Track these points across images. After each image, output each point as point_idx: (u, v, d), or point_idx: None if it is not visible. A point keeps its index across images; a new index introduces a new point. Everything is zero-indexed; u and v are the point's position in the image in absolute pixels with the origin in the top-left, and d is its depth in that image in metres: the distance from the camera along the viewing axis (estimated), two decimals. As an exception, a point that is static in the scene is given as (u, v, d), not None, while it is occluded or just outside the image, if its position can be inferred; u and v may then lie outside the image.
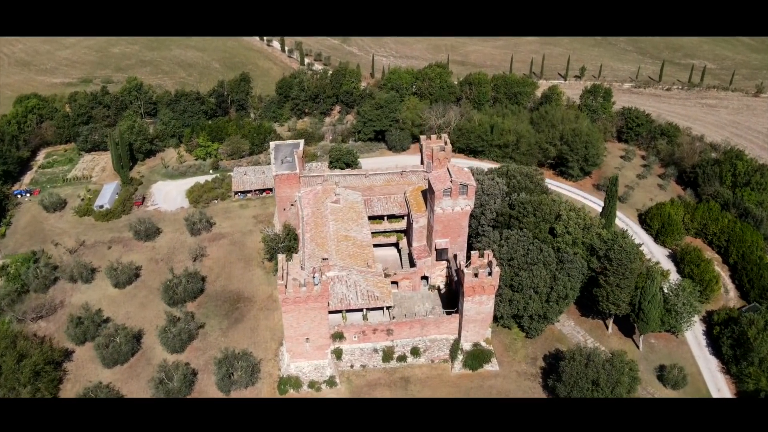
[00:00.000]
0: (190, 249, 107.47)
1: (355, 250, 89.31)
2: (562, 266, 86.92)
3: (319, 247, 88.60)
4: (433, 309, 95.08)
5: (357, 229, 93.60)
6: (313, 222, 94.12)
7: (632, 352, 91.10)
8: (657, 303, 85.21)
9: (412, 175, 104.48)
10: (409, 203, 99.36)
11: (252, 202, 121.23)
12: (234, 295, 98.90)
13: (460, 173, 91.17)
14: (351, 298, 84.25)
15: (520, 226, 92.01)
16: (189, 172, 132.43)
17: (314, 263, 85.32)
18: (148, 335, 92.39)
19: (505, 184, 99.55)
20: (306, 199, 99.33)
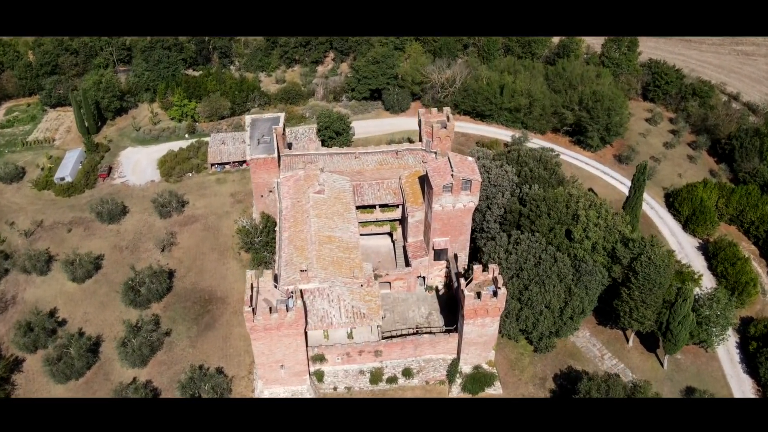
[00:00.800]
0: (158, 236, 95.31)
1: (340, 255, 76.98)
2: (580, 278, 74.70)
3: (298, 252, 76.29)
4: (430, 315, 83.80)
5: (343, 227, 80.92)
6: (293, 217, 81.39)
7: (655, 370, 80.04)
8: (689, 324, 73.40)
9: (409, 155, 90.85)
10: (405, 192, 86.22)
11: (230, 176, 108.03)
12: (205, 294, 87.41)
13: (463, 164, 77.69)
14: (333, 315, 72.55)
15: (531, 228, 79.13)
16: (162, 137, 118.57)
17: (291, 272, 73.36)
18: (108, 343, 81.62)
19: (516, 173, 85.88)
20: (285, 186, 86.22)
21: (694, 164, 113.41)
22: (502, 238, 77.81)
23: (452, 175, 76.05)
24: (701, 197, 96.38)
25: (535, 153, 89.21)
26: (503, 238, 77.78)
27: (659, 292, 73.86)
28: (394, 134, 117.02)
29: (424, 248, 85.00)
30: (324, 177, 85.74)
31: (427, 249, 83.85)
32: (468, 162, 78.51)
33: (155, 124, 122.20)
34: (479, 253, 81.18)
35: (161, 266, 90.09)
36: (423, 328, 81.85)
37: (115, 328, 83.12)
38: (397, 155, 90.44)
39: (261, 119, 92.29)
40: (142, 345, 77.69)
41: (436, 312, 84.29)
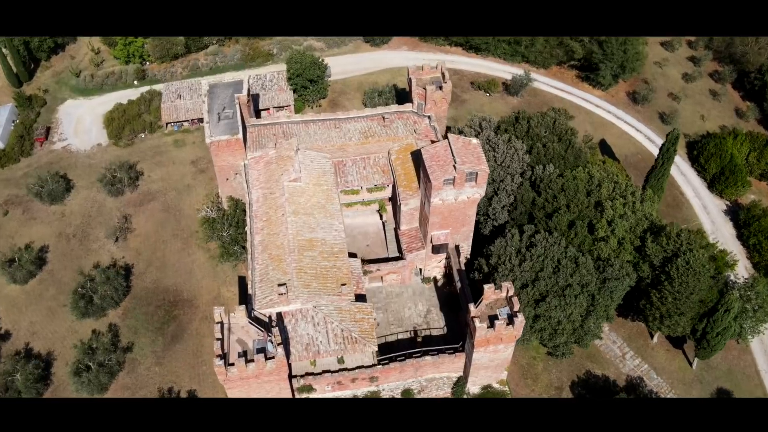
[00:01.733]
0: (110, 220, 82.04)
1: (324, 265, 65.05)
2: (604, 282, 64.16)
3: (274, 263, 64.22)
4: (429, 313, 73.46)
5: (325, 224, 68.40)
6: (265, 215, 68.48)
7: (683, 370, 71.69)
8: (729, 335, 64.13)
9: (397, 120, 76.90)
10: (396, 172, 73.08)
11: (190, 137, 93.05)
12: (170, 295, 75.71)
13: (466, 151, 64.38)
14: (321, 342, 61.81)
15: (547, 224, 67.27)
16: (107, 85, 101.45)
17: (267, 291, 61.83)
18: (60, 362, 70.81)
19: (527, 150, 72.49)
20: (254, 171, 72.47)
21: (718, 102, 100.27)
22: (513, 237, 66.02)
23: (455, 167, 63.14)
24: (731, 153, 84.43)
25: (546, 119, 75.31)
26: (515, 237, 66.02)
27: (696, 298, 63.82)
28: (376, 74, 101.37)
29: (420, 238, 73.19)
30: (300, 158, 72.05)
31: (424, 241, 72.11)
32: (472, 147, 65.09)
33: (97, 65, 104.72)
34: (485, 249, 69.71)
35: (116, 261, 77.79)
36: (421, 329, 71.87)
37: (67, 341, 71.98)
38: (384, 122, 76.45)
39: (220, 85, 76.56)
40: (99, 371, 67.01)
41: (435, 309, 73.89)
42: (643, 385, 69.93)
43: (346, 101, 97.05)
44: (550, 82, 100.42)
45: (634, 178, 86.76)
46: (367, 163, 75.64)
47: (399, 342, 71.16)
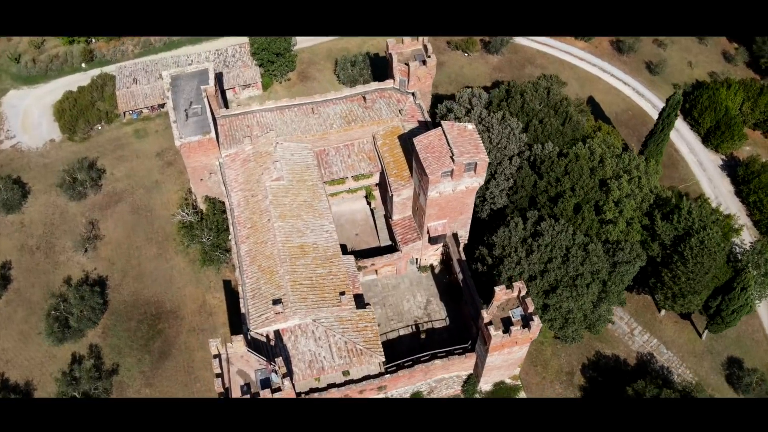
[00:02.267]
0: (75, 228, 75.59)
1: (319, 273, 60.53)
2: (615, 267, 61.19)
3: (265, 275, 59.46)
4: (429, 304, 70.11)
5: (315, 226, 63.50)
6: (249, 220, 63.11)
7: (693, 342, 70.18)
8: (745, 312, 62.19)
9: (379, 98, 71.18)
10: (384, 160, 68.02)
11: (151, 125, 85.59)
12: (152, 307, 70.54)
13: (462, 139, 59.47)
14: (324, 358, 57.97)
15: (552, 210, 63.39)
16: (52, 70, 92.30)
17: (262, 308, 57.40)
18: (41, 391, 65.84)
19: (523, 128, 67.55)
20: (231, 171, 66.54)
21: (705, 46, 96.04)
22: (518, 226, 62.10)
23: (453, 158, 58.35)
24: (726, 106, 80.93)
25: (540, 90, 70.07)
26: (519, 226, 62.11)
27: (711, 277, 61.37)
28: (345, 40, 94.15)
29: (414, 228, 68.90)
30: (280, 152, 66.27)
31: (420, 232, 67.85)
32: (468, 134, 60.08)
33: (38, 47, 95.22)
34: (485, 237, 65.82)
35: (87, 274, 72.04)
36: (422, 322, 68.57)
37: (45, 368, 66.90)
38: (366, 103, 70.64)
39: (183, 76, 69.21)
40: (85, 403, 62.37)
41: (435, 299, 70.51)
42: (654, 361, 68.23)
43: (316, 72, 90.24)
44: (531, 36, 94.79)
45: (627, 139, 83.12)
46: (351, 150, 70.39)
47: (401, 338, 67.88)
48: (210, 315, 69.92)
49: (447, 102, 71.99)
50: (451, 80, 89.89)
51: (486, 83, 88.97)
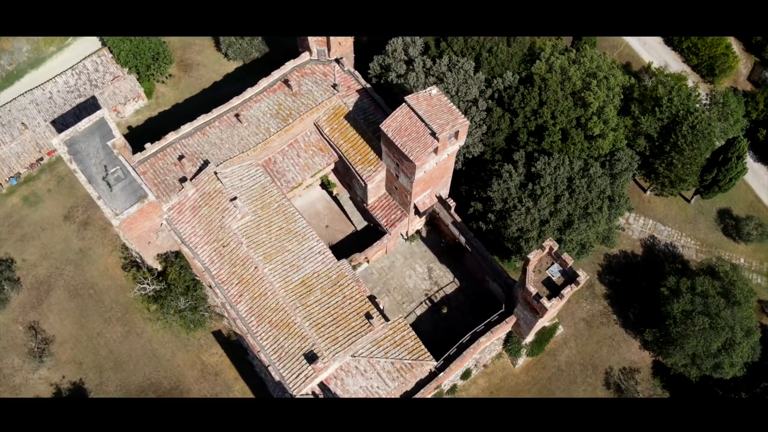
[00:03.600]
0: (16, 339, 64.17)
1: (335, 302, 54.59)
2: (615, 179, 59.29)
3: (282, 331, 52.98)
4: (432, 272, 66.48)
5: (305, 252, 56.53)
6: (234, 276, 55.03)
7: (684, 210, 71.24)
8: (742, 175, 62.73)
9: (305, 80, 62.35)
10: (340, 149, 60.56)
11: (39, 184, 71.49)
12: (149, 393, 62.44)
13: (433, 109, 53.33)
14: (378, 388, 53.73)
15: (538, 146, 59.28)
16: None
17: (296, 369, 51.63)
18: None
19: (473, 65, 60.81)
20: (185, 226, 56.95)
21: None
22: (511, 175, 57.98)
23: (434, 135, 52.24)
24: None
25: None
26: (512, 174, 58.00)
27: (704, 155, 60.78)
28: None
29: (396, 206, 63.23)
30: (229, 183, 57.23)
31: (406, 209, 62.35)
32: (436, 100, 53.59)
33: None
34: (476, 192, 61.54)
35: (57, 386, 62.33)
36: (433, 294, 65.13)
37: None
38: (291, 88, 61.60)
39: (78, 136, 56.37)
40: None
41: (435, 264, 66.78)
42: (657, 242, 68.86)
43: (196, 56, 77.74)
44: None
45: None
46: (298, 148, 62.32)
47: (420, 319, 64.38)
48: (216, 375, 62.94)
49: (378, 57, 63.98)
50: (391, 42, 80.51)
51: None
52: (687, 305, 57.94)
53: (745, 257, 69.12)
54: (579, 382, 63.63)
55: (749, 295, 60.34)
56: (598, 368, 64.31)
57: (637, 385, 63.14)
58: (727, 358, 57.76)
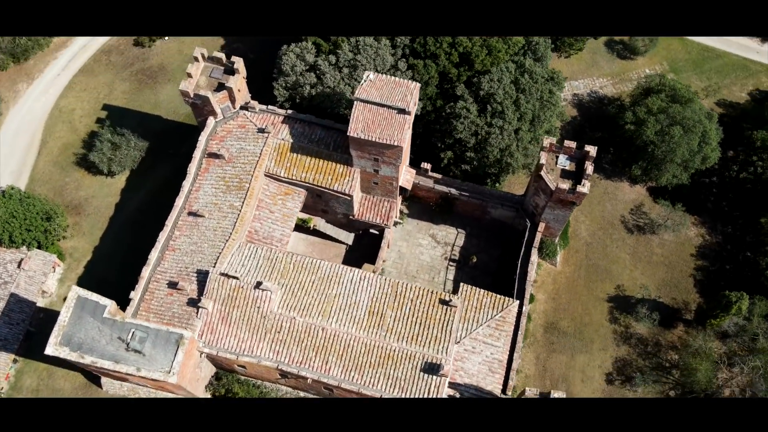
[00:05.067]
0: None
1: (408, 309, 53.25)
2: (542, 63, 62.59)
3: (389, 364, 51.12)
4: (435, 237, 66.70)
5: (346, 286, 54.23)
6: (309, 350, 51.66)
7: (581, 58, 76.14)
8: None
9: (228, 142, 58.80)
10: (309, 181, 58.19)
11: (16, 413, 61.88)
12: None
13: (382, 89, 53.33)
14: (493, 355, 53.91)
15: (458, 70, 60.45)
16: None
17: (423, 394, 50.34)
18: None
19: (388, 42, 60.22)
20: (229, 340, 52.13)
21: None
22: (469, 110, 59.01)
23: (405, 111, 51.84)
24: None
25: None
26: (468, 109, 59.06)
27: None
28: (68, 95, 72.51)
29: (380, 201, 62.36)
30: (238, 284, 53.09)
31: (392, 196, 61.60)
32: (381, 82, 52.95)
33: None
34: (440, 144, 62.01)
35: None
36: (452, 255, 65.85)
37: None
38: (221, 157, 57.83)
39: (66, 329, 49.11)
40: None
41: (433, 228, 67.88)
42: (582, 97, 73.82)
43: (81, 193, 69.60)
44: None
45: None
46: (266, 206, 59.17)
47: (458, 280, 64.53)
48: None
49: (279, 82, 61.52)
50: (249, 42, 76.41)
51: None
52: (656, 125, 63.03)
53: (648, 67, 76.03)
54: (609, 244, 67.58)
55: (688, 88, 66.76)
56: (614, 222, 68.59)
57: (651, 215, 68.16)
58: (707, 146, 63.97)
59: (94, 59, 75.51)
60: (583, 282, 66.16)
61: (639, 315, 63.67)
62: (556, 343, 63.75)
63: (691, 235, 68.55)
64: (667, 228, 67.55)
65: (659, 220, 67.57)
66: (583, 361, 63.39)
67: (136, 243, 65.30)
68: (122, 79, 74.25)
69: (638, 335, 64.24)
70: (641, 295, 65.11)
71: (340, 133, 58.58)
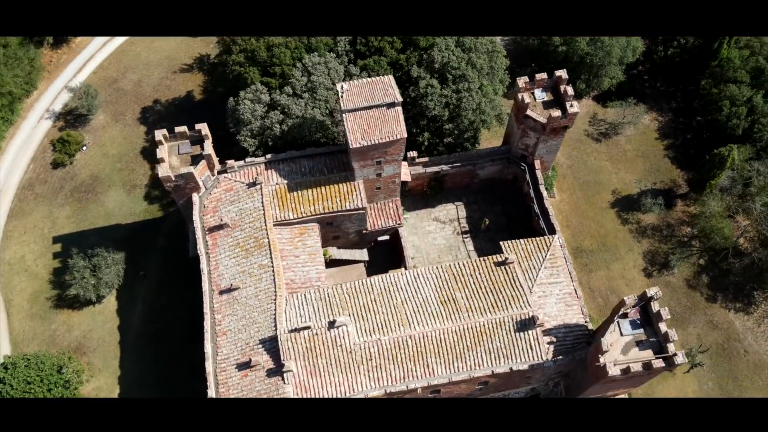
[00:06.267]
0: None
1: (473, 283, 53.42)
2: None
3: (486, 341, 51.06)
4: (438, 219, 67.46)
5: (409, 287, 53.62)
6: (407, 361, 50.62)
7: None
8: None
9: (222, 210, 56.48)
10: (320, 212, 57.00)
11: None
12: None
13: (367, 92, 53.53)
14: (568, 296, 55.27)
15: (407, 54, 61.51)
16: None
17: (534, 350, 50.97)
18: None
19: (332, 56, 59.72)
20: (332, 388, 50.08)
21: None
22: (431, 85, 60.13)
23: (393, 105, 52.20)
24: None
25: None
26: (431, 85, 60.22)
27: None
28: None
29: (386, 205, 62.19)
30: (305, 324, 51.07)
31: (395, 194, 61.59)
32: (358, 87, 53.04)
33: None
34: (414, 129, 62.68)
35: None
36: (463, 227, 66.86)
37: None
38: (223, 227, 55.49)
39: None
40: None
41: (434, 211, 68.56)
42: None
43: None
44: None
45: None
46: (290, 253, 57.24)
47: (479, 249, 65.82)
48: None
49: (243, 133, 59.81)
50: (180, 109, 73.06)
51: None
52: (585, 37, 67.12)
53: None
54: (587, 159, 71.44)
55: None
56: (581, 139, 72.60)
57: (608, 120, 72.54)
58: (632, 38, 69.02)
59: (18, 199, 69.56)
60: (583, 201, 69.22)
61: (645, 207, 67.51)
62: (589, 263, 66.25)
63: (647, 122, 73.58)
64: (627, 124, 72.11)
65: (617, 120, 71.97)
66: (619, 268, 66.32)
67: (159, 353, 61.61)
68: (59, 205, 68.97)
69: (651, 225, 68.10)
70: (639, 188, 69.07)
71: (327, 156, 58.02)
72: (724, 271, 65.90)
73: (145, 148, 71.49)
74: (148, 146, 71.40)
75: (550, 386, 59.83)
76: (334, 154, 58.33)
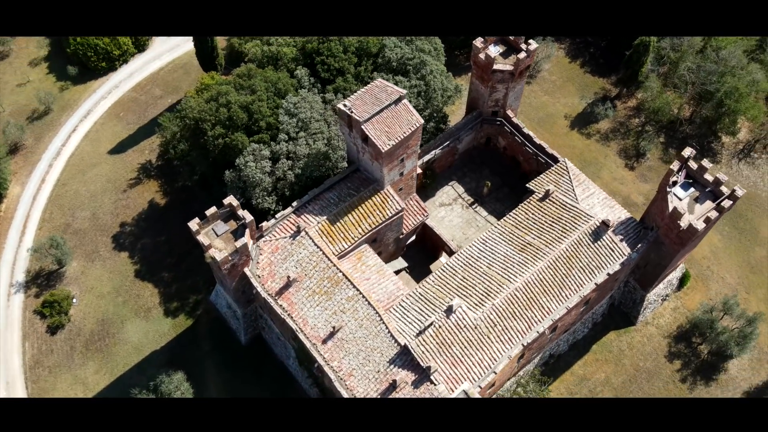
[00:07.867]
0: None
1: (540, 219, 56.83)
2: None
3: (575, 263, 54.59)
4: (444, 204, 70.25)
5: (485, 247, 55.90)
6: (513, 308, 52.68)
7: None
8: None
9: (278, 265, 55.65)
10: (368, 230, 57.76)
11: None
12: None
13: (368, 99, 54.93)
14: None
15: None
16: None
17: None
18: None
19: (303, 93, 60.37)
20: (452, 368, 50.62)
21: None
22: (399, 82, 63.41)
23: (400, 99, 54.81)
24: None
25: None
26: (395, 80, 63.50)
27: None
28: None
29: (411, 201, 63.92)
30: (422, 322, 51.68)
31: (412, 189, 63.63)
32: (360, 99, 54.58)
33: None
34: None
35: None
36: (468, 200, 70.22)
37: None
38: (294, 280, 54.78)
39: None
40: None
41: (438, 197, 70.53)
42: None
43: None
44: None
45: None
46: (362, 277, 57.22)
47: (495, 211, 69.09)
48: None
49: (258, 191, 59.28)
50: (151, 220, 67.58)
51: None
52: None
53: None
54: (533, 97, 77.65)
55: None
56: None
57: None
58: None
59: (32, 381, 62.67)
60: (548, 134, 75.33)
61: (600, 115, 75.05)
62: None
63: (560, 56, 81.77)
64: (544, 60, 79.68)
65: (536, 59, 79.21)
66: (607, 174, 73.48)
67: None
68: (80, 366, 63.25)
69: (609, 129, 76.01)
70: (585, 103, 76.59)
71: (345, 180, 58.99)
72: (682, 138, 74.65)
73: (138, 271, 67.69)
74: (140, 268, 67.72)
75: (622, 288, 64.49)
76: (350, 175, 59.42)
